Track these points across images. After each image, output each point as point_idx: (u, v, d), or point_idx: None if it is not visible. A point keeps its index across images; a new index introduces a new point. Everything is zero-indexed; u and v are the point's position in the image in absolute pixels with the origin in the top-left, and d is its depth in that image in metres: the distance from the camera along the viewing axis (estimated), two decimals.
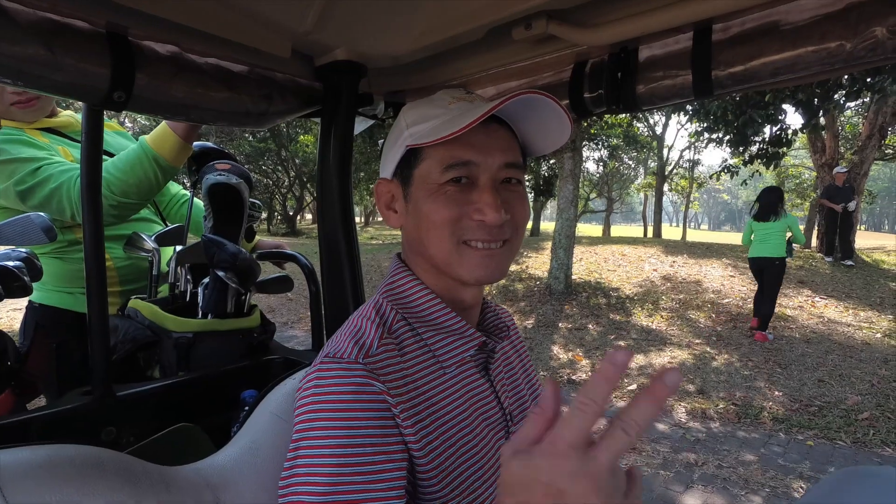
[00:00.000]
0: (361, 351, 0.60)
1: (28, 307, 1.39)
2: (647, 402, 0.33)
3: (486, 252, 0.63)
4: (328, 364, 0.59)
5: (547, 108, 0.61)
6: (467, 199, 0.63)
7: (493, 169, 0.63)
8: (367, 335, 0.62)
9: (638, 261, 8.85)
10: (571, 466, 0.33)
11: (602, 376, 0.35)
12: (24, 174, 1.19)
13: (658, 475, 2.85)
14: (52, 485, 0.50)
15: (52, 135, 1.36)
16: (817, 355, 4.76)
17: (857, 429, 3.35)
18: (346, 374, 0.57)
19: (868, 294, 6.81)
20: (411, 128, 0.67)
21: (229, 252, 1.10)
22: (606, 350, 5.06)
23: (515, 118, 0.66)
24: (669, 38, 0.87)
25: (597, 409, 0.34)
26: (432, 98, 0.71)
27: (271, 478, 0.68)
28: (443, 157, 0.63)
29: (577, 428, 0.34)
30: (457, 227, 0.63)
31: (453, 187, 0.63)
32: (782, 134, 7.07)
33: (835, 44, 0.73)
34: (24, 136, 1.27)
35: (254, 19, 0.86)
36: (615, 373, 0.34)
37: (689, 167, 23.54)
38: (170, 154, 1.18)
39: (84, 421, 0.88)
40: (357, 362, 0.58)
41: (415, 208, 0.66)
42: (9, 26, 0.67)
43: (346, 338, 0.63)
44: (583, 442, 0.34)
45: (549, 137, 0.68)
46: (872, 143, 9.52)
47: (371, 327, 0.63)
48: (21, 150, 1.23)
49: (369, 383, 0.57)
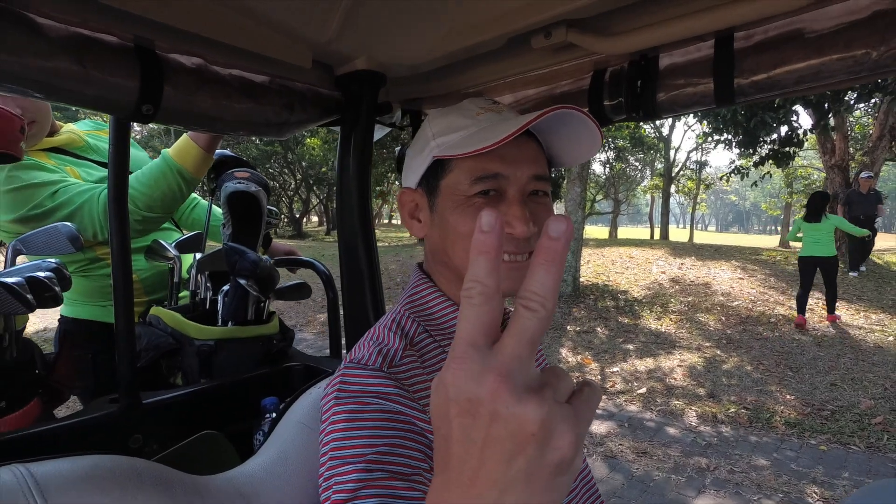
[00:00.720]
0: (385, 360, 0.61)
1: (61, 318, 1.40)
2: (541, 264, 0.27)
3: (513, 265, 0.63)
4: (352, 369, 0.60)
5: (579, 122, 0.61)
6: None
7: (522, 182, 0.63)
8: (391, 345, 0.63)
9: (645, 263, 8.82)
10: (472, 367, 0.27)
11: (477, 250, 0.28)
12: (42, 199, 1.20)
13: (670, 480, 2.83)
14: (93, 495, 0.51)
15: (56, 154, 1.37)
16: (829, 359, 4.72)
17: (871, 433, 3.32)
18: (371, 380, 0.58)
19: (880, 296, 6.75)
20: (438, 138, 0.67)
21: (251, 260, 1.11)
22: (615, 353, 5.05)
23: (544, 130, 0.67)
24: (691, 46, 0.87)
25: (485, 291, 0.27)
26: (458, 107, 0.70)
27: (300, 486, 0.68)
28: (472, 169, 0.63)
29: (471, 322, 0.28)
30: None
31: (482, 199, 0.63)
32: (793, 134, 7.05)
33: (861, 52, 0.72)
34: (31, 160, 1.27)
35: (276, 30, 0.87)
36: (491, 240, 0.27)
37: (697, 168, 23.44)
38: (193, 166, 1.19)
39: (112, 429, 0.89)
40: (381, 371, 0.59)
41: (441, 219, 0.67)
42: (41, 42, 0.68)
43: (369, 347, 0.63)
44: (481, 336, 0.28)
45: (578, 150, 0.68)
46: (883, 143, 9.43)
47: (394, 339, 0.64)
48: (34, 174, 1.24)
49: (393, 391, 0.57)
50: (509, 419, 0.26)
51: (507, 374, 0.26)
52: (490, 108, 0.68)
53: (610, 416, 3.72)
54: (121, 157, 0.88)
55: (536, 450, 0.26)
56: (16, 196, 1.22)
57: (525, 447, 0.26)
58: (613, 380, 4.42)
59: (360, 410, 0.55)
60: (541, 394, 0.27)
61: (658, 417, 3.71)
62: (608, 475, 2.89)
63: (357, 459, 0.51)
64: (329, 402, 0.58)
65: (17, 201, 1.22)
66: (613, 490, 2.73)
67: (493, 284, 0.27)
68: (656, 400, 3.99)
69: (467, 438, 0.27)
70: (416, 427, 0.56)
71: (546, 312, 0.27)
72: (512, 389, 0.26)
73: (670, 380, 4.39)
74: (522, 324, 0.27)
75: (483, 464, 0.27)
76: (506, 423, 0.26)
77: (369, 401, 0.56)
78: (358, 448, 0.52)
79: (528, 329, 0.27)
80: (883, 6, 0.70)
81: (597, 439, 3.34)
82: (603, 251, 10.02)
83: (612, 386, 4.29)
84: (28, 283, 0.81)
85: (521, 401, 0.26)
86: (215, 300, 1.23)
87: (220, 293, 1.21)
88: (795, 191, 19.56)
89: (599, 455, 3.13)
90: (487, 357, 0.27)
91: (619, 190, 24.11)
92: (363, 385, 0.58)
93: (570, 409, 0.27)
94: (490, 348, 0.27)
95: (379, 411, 0.55)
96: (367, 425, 0.54)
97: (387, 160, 12.00)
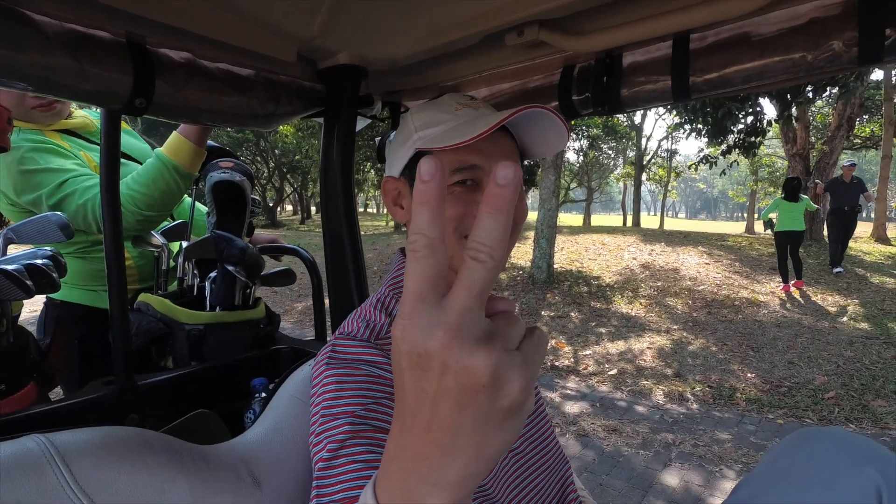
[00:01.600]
0: (372, 333, 0.67)
1: (48, 304, 1.41)
2: (489, 213, 0.26)
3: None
4: (342, 340, 0.66)
5: (548, 119, 0.67)
6: (472, 200, 0.69)
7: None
8: (377, 321, 0.69)
9: (618, 249, 9.04)
10: (421, 321, 0.27)
11: (418, 200, 0.27)
12: (51, 187, 1.22)
13: (638, 454, 2.98)
14: (111, 462, 0.56)
15: (70, 137, 1.38)
16: (787, 338, 4.98)
17: (824, 407, 3.54)
18: (359, 349, 0.65)
19: (836, 279, 7.10)
20: (420, 131, 0.72)
21: (238, 247, 1.15)
22: (588, 337, 5.21)
23: (517, 126, 0.73)
24: (651, 46, 0.94)
25: (429, 243, 0.27)
26: (438, 102, 0.75)
27: (294, 451, 0.74)
28: (451, 161, 0.68)
29: (418, 275, 0.27)
30: (461, 224, 0.69)
31: (459, 188, 0.69)
32: (758, 124, 7.32)
33: (798, 55, 0.81)
34: (49, 143, 1.28)
35: (263, 27, 0.90)
36: (432, 188, 0.27)
37: (667, 157, 23.95)
38: (187, 161, 1.21)
39: (108, 409, 0.93)
40: (368, 341, 0.66)
41: None
42: (37, 38, 0.71)
43: (357, 323, 0.69)
44: (430, 290, 0.27)
45: (547, 145, 0.74)
46: (841, 133, 9.86)
47: (379, 315, 0.70)
48: (49, 160, 1.25)
49: (380, 359, 0.64)
50: (460, 372, 0.26)
51: (457, 328, 0.26)
52: (468, 105, 0.74)
53: (583, 397, 3.87)
54: (112, 149, 0.91)
55: (488, 398, 0.27)
56: (29, 179, 1.23)
57: (476, 397, 0.27)
58: (586, 362, 4.58)
59: (349, 374, 0.61)
60: (491, 344, 0.27)
61: (628, 397, 3.87)
62: (581, 452, 3.03)
63: (346, 415, 0.57)
64: (320, 368, 0.64)
65: (28, 184, 1.23)
66: (585, 465, 2.86)
67: (437, 234, 0.27)
68: (626, 380, 4.16)
69: (420, 390, 0.28)
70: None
71: (494, 263, 0.26)
72: (462, 342, 0.26)
73: (640, 361, 4.57)
74: (471, 275, 0.26)
75: (436, 413, 0.28)
76: (456, 376, 0.27)
77: (357, 366, 0.63)
78: (347, 406, 0.58)
79: (477, 281, 0.26)
80: (817, 14, 0.79)
81: (570, 419, 3.47)
82: (577, 238, 10.23)
83: (585, 368, 4.45)
84: (27, 269, 0.84)
85: (471, 353, 0.26)
86: (203, 287, 1.26)
87: (208, 280, 1.25)
88: (760, 178, 20.19)
89: (573, 433, 3.26)
90: (436, 311, 0.27)
91: (593, 178, 24.47)
92: (352, 353, 0.64)
93: (519, 356, 0.28)
94: (439, 302, 0.27)
95: (365, 375, 0.62)
96: (354, 387, 0.60)
97: (361, 148, 11.91)
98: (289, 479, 0.70)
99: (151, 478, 0.58)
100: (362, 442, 0.55)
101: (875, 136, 12.94)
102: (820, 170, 9.89)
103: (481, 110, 0.73)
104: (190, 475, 0.61)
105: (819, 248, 8.90)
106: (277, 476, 0.70)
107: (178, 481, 0.59)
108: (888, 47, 0.74)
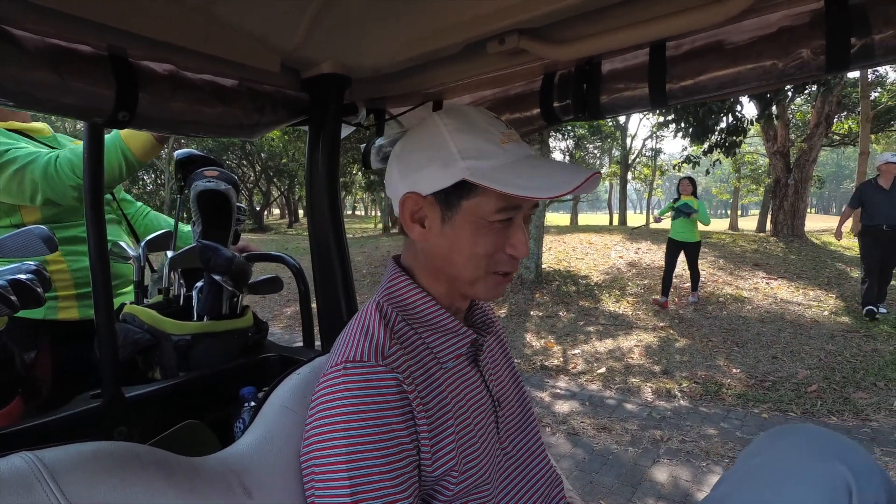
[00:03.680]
0: (378, 351, 0.66)
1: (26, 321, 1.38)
2: None
3: (508, 279, 0.74)
4: (353, 368, 0.65)
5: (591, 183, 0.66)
6: (504, 235, 0.71)
7: (528, 210, 0.73)
8: (378, 335, 0.69)
9: (605, 248, 9.12)
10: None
11: None
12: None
13: (627, 452, 3.02)
14: (101, 478, 0.56)
15: (16, 135, 1.38)
16: (771, 333, 5.06)
17: (807, 401, 3.61)
18: (371, 376, 0.64)
19: (817, 275, 7.24)
20: (468, 160, 0.68)
21: (225, 257, 1.15)
22: (577, 336, 5.25)
23: None
24: (629, 54, 0.97)
25: None
26: (476, 125, 0.71)
27: (285, 462, 0.75)
28: (501, 199, 0.67)
29: None
30: (491, 259, 0.71)
31: (500, 225, 0.70)
32: (739, 123, 7.44)
33: (769, 62, 0.83)
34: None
35: (246, 38, 0.91)
36: None
37: (652, 156, 24.21)
38: (138, 149, 1.23)
39: (96, 423, 0.92)
40: (378, 364, 0.65)
41: (455, 233, 0.70)
42: (19, 54, 0.71)
43: (357, 341, 0.68)
44: None
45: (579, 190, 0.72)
46: (820, 130, 10.06)
47: (378, 328, 0.70)
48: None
49: (392, 381, 0.65)
50: None
51: None
52: (510, 137, 0.71)
53: (572, 396, 3.90)
54: (95, 163, 0.91)
55: None
56: None
57: None
58: (575, 361, 4.62)
59: (359, 416, 0.63)
60: None
61: (617, 395, 3.91)
62: (571, 451, 3.05)
63: (349, 466, 0.61)
64: (331, 403, 0.64)
65: None
66: (576, 464, 2.89)
67: None
68: (615, 378, 4.20)
69: None
70: (409, 415, 0.65)
71: None
72: None
73: (628, 359, 4.62)
74: None
75: None
76: None
77: (370, 400, 0.63)
78: (346, 455, 0.61)
79: None
80: (787, 23, 0.81)
81: (560, 418, 3.50)
82: (564, 238, 10.30)
83: (575, 367, 4.48)
84: (11, 285, 0.84)
85: None
86: (189, 296, 1.26)
87: (195, 289, 1.24)
88: (743, 175, 20.50)
89: (563, 432, 3.29)
90: None
91: None
92: (366, 385, 0.64)
93: None
94: None
95: (377, 408, 0.63)
96: (364, 431, 0.62)
97: (349, 151, 11.88)
98: (280, 490, 0.70)
99: (142, 492, 0.58)
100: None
101: (853, 132, 13.22)
102: (800, 167, 10.08)
103: (523, 145, 0.73)
104: (181, 488, 0.61)
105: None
106: (269, 486, 0.70)
107: (168, 494, 0.60)
108: (854, 55, 0.77)
